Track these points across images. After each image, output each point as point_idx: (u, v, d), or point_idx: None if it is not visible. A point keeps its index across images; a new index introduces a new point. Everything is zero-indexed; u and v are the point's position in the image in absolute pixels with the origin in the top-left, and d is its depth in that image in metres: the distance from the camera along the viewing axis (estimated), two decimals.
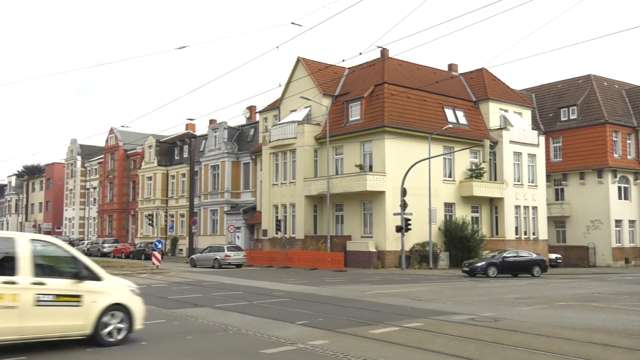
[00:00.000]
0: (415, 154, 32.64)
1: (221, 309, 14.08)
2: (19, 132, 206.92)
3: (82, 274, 9.03)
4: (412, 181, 32.00)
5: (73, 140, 69.54)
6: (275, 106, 42.11)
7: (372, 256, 32.61)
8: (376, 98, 35.05)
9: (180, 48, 20.06)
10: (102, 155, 63.74)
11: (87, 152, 68.06)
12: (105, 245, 50.27)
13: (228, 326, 11.28)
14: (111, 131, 61.04)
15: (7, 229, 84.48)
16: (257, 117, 46.58)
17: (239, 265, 34.61)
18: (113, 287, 9.42)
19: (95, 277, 9.14)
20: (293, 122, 37.62)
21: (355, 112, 35.84)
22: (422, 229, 32.49)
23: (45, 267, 8.84)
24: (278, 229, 37.34)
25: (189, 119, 47.00)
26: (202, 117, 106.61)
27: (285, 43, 38.51)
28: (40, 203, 78.08)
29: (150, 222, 51.02)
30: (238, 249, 36.53)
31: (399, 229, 31.14)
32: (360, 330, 10.77)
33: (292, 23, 18.95)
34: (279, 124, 38.92)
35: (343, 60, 22.97)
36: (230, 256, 33.72)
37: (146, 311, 13.57)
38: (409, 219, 31.31)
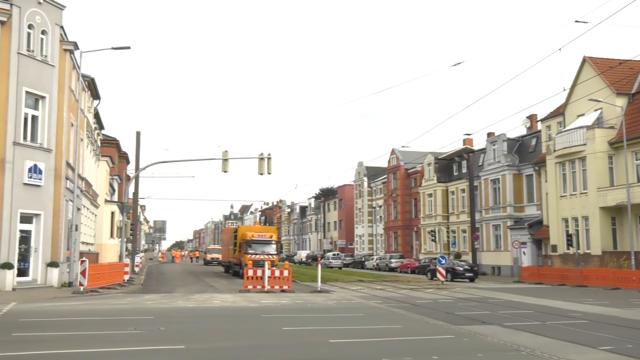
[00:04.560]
0: None
1: (511, 327, 13.50)
2: (316, 158, 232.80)
3: None
4: None
5: (359, 162, 75.36)
6: (559, 112, 39.17)
7: None
8: None
9: (455, 65, 20.21)
10: (386, 175, 67.54)
11: (372, 173, 72.92)
12: (392, 260, 52.85)
13: (520, 346, 10.74)
14: (392, 152, 64.37)
15: (309, 246, 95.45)
16: (539, 125, 43.90)
17: (339, 267, 52.15)
18: None
19: None
20: (581, 127, 34.44)
21: None
22: None
23: None
24: (569, 244, 34.35)
25: (466, 134, 46.87)
26: (479, 131, 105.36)
27: (568, 44, 35.72)
28: (335, 222, 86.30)
29: (433, 237, 51.93)
30: (338, 257, 58.47)
31: None
32: None
33: (575, 21, 17.50)
34: (565, 130, 36.02)
35: None
36: (332, 262, 47.24)
37: (434, 326, 13.85)
38: None
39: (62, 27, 25.19)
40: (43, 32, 24.17)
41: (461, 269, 35.64)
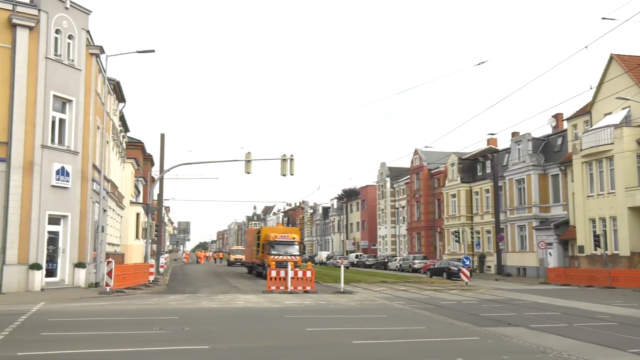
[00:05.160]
0: None
1: (537, 329, 13.32)
2: (339, 159, 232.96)
3: None
4: None
5: (382, 163, 75.08)
6: (585, 111, 38.53)
7: None
8: None
9: (479, 64, 20.02)
10: (408, 176, 67.17)
11: (395, 173, 72.57)
12: (416, 261, 52.49)
13: (547, 349, 10.59)
14: (415, 152, 63.99)
15: (332, 247, 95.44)
16: (565, 124, 43.26)
17: (347, 267, 52.39)
18: None
19: None
20: (608, 126, 33.82)
21: None
22: None
23: None
24: (597, 245, 33.76)
25: (490, 134, 46.29)
26: (503, 131, 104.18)
27: (594, 42, 35.13)
28: (357, 222, 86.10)
29: (457, 238, 51.50)
30: (346, 257, 64.56)
31: None
32: None
33: (602, 18, 17.21)
34: (592, 129, 35.43)
35: None
36: (338, 262, 47.94)
37: (459, 328, 13.73)
38: None
39: (88, 32, 25.61)
40: (70, 37, 24.60)
41: (455, 268, 38.73)
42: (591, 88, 34.54)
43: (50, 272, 23.64)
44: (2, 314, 15.06)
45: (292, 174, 29.95)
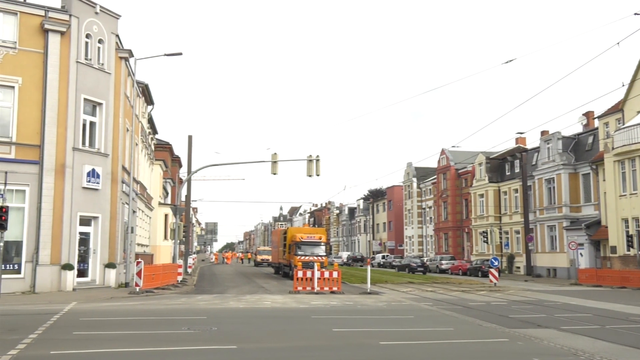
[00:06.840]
0: None
1: (568, 331, 13.09)
2: (365, 159, 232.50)
3: None
4: None
5: (408, 163, 74.66)
6: (617, 109, 37.71)
7: None
8: None
9: (507, 62, 19.77)
10: (435, 176, 66.66)
11: (422, 173, 72.07)
12: (443, 262, 52.06)
13: (578, 351, 10.40)
14: (442, 152, 63.48)
15: (358, 247, 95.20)
16: (596, 122, 42.40)
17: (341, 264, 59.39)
18: None
19: None
20: None
21: None
22: None
23: None
24: (630, 246, 32.99)
25: (518, 133, 45.50)
26: (532, 130, 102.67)
27: (627, 38, 34.36)
28: (384, 223, 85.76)
29: (485, 239, 50.92)
30: (340, 255, 69.96)
31: None
32: None
33: (635, 14, 16.82)
34: (624, 127, 34.65)
35: None
36: (334, 260, 47.96)
37: (487, 329, 13.57)
38: None
39: (117, 36, 26.05)
40: (100, 41, 25.06)
41: (415, 265, 46.38)
42: (623, 85, 33.66)
43: (82, 273, 24.10)
44: (35, 314, 15.43)
45: (318, 175, 30.00)
